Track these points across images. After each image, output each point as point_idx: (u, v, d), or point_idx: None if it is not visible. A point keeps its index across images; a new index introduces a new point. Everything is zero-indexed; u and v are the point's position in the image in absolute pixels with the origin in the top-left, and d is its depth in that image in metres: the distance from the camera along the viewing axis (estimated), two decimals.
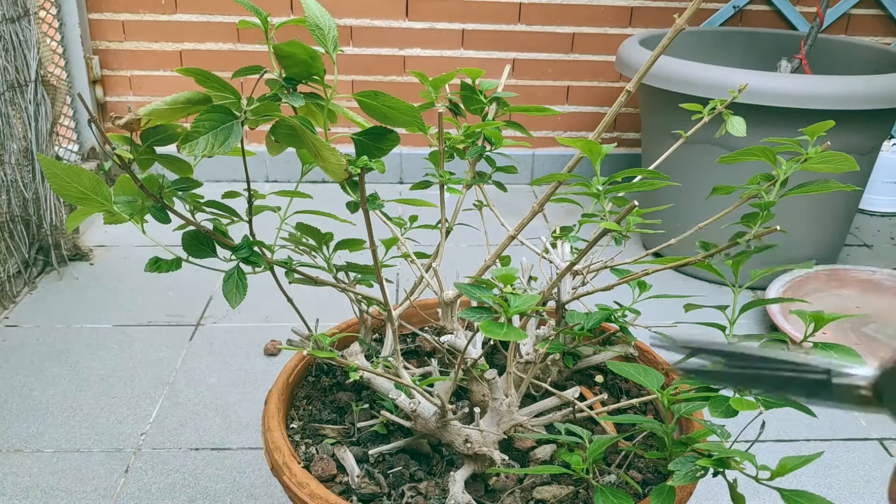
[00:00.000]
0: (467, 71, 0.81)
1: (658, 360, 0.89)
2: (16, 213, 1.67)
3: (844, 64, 2.06)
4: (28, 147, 1.69)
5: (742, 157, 0.68)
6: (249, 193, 0.72)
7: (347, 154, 0.61)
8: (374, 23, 2.26)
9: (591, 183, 0.67)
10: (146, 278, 1.76)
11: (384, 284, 0.73)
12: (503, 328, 0.58)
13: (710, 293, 1.79)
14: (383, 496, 0.73)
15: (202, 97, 0.61)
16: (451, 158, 0.81)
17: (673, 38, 0.63)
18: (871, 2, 2.35)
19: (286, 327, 1.58)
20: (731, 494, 0.63)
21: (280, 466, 0.72)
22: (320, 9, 0.61)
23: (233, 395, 1.37)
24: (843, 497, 1.19)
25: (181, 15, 2.22)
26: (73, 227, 0.69)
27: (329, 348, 0.68)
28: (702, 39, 2.18)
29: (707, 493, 1.17)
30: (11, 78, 1.64)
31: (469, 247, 1.97)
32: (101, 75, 2.26)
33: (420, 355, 0.97)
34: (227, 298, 0.69)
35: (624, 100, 0.67)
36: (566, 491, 0.73)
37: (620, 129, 2.49)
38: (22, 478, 1.17)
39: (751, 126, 0.88)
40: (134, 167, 0.62)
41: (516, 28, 2.30)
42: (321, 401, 0.88)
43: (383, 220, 0.82)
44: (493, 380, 0.72)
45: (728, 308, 0.73)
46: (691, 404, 0.65)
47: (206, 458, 1.22)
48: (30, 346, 1.50)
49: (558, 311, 0.83)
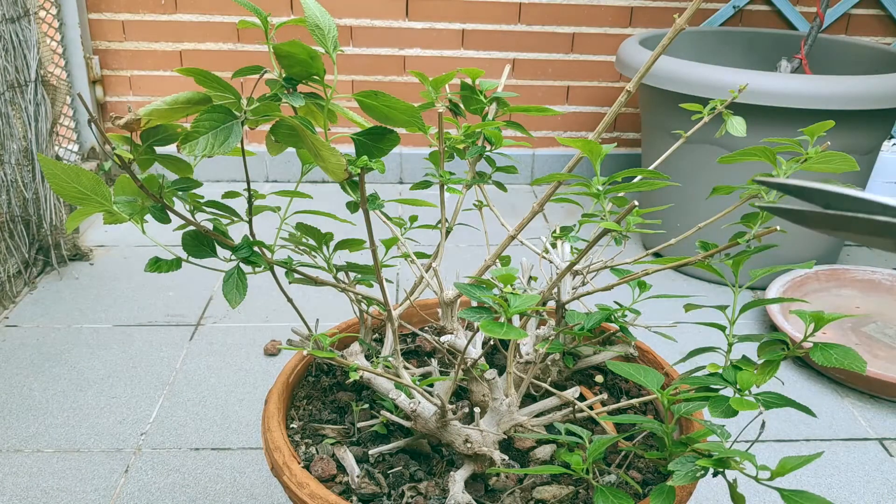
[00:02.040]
0: (467, 71, 0.81)
1: (658, 360, 0.89)
2: (16, 213, 1.67)
3: (844, 64, 2.06)
4: (28, 147, 1.69)
5: (742, 157, 0.69)
6: (249, 193, 0.72)
7: (347, 154, 0.61)
8: (374, 23, 2.26)
9: (591, 183, 0.67)
10: (146, 278, 1.76)
11: (384, 284, 0.73)
12: (503, 327, 0.58)
13: (710, 293, 1.79)
14: (383, 496, 0.73)
15: (202, 97, 0.61)
16: (451, 158, 0.81)
17: (673, 38, 0.63)
18: (871, 2, 2.35)
19: (286, 327, 1.58)
20: (731, 494, 0.63)
21: (280, 466, 0.72)
22: (320, 9, 0.61)
23: (233, 395, 1.37)
24: (843, 497, 1.19)
25: (181, 15, 2.22)
26: (73, 228, 0.69)
27: (329, 348, 0.68)
28: (702, 39, 2.18)
29: (707, 493, 1.17)
30: (11, 78, 1.64)
31: (469, 247, 1.97)
32: (101, 75, 2.26)
33: (420, 355, 0.97)
34: (227, 298, 0.69)
35: (624, 100, 0.67)
36: (566, 491, 0.73)
37: (620, 129, 2.49)
38: (22, 478, 1.16)
39: (751, 126, 0.88)
40: (134, 167, 0.62)
41: (516, 28, 2.30)
42: (321, 401, 0.88)
43: (383, 220, 0.82)
44: (493, 380, 0.72)
45: (728, 308, 0.73)
46: (691, 404, 0.65)
47: (206, 458, 1.22)
48: (30, 346, 1.50)
49: (558, 311, 0.83)
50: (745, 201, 0.72)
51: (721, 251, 0.69)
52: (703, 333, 1.55)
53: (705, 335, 1.55)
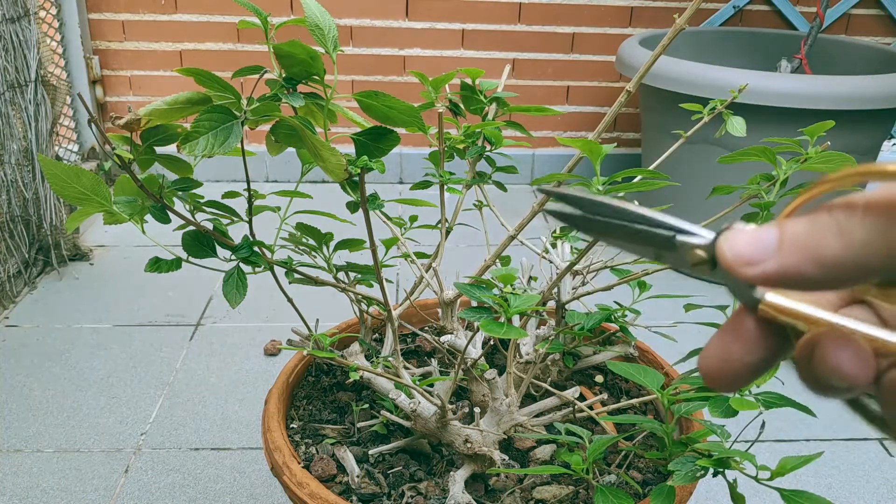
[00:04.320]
0: (467, 71, 0.81)
1: (658, 360, 0.89)
2: (16, 213, 1.67)
3: (844, 64, 2.06)
4: (28, 147, 1.69)
5: (742, 157, 0.68)
6: (249, 193, 0.72)
7: (347, 154, 0.61)
8: (374, 23, 2.26)
9: (591, 183, 0.67)
10: (146, 278, 1.76)
11: (384, 284, 0.73)
12: (503, 327, 0.58)
13: (710, 293, 1.79)
14: (383, 496, 0.73)
15: (202, 97, 0.61)
16: (451, 158, 0.81)
17: (673, 38, 0.63)
18: (871, 2, 2.35)
19: (286, 327, 1.58)
20: (731, 494, 0.63)
21: (280, 466, 0.72)
22: (320, 9, 0.61)
23: (233, 395, 1.37)
24: (843, 497, 1.19)
25: (181, 15, 2.22)
26: (73, 228, 0.69)
27: (329, 348, 0.68)
28: (702, 39, 2.18)
29: (707, 493, 1.17)
30: (11, 78, 1.64)
31: (469, 247, 1.97)
32: (101, 75, 2.26)
33: (420, 355, 0.97)
34: (227, 298, 0.69)
35: (624, 100, 0.67)
36: (566, 491, 0.73)
37: (620, 129, 2.49)
38: (22, 478, 1.16)
39: (751, 126, 0.88)
40: (134, 167, 0.62)
41: (516, 28, 2.30)
42: (321, 401, 0.88)
43: (383, 220, 0.82)
44: (493, 380, 0.72)
45: (728, 308, 0.73)
46: (691, 404, 0.65)
47: (206, 458, 1.22)
48: (30, 346, 1.50)
49: (558, 311, 0.83)
50: (745, 201, 0.72)
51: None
52: (703, 333, 1.55)
53: (705, 335, 1.54)
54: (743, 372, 0.27)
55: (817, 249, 0.24)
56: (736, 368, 0.27)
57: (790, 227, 0.25)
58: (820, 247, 0.24)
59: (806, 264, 0.25)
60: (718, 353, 0.28)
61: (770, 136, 0.74)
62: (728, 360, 0.27)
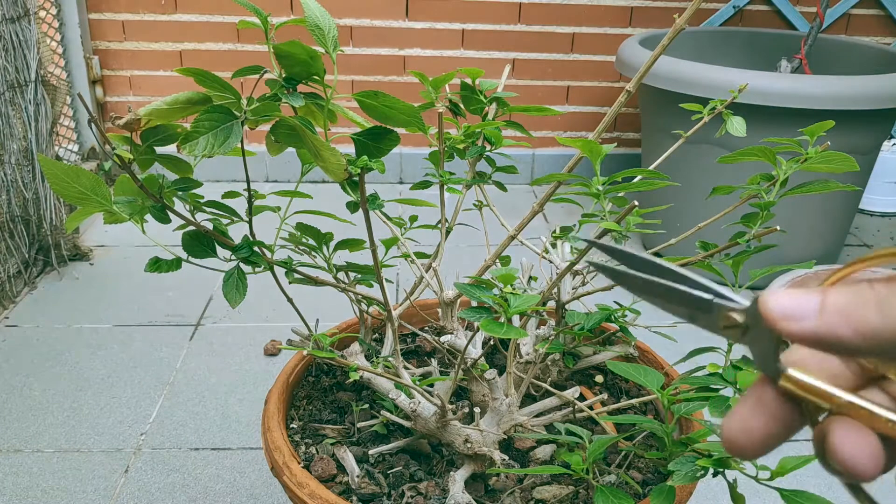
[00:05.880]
0: (467, 71, 0.81)
1: (658, 360, 0.89)
2: (16, 213, 1.67)
3: (844, 64, 2.06)
4: (28, 147, 1.69)
5: (742, 157, 0.68)
6: (249, 193, 0.72)
7: (347, 154, 0.61)
8: (374, 23, 2.26)
9: (591, 183, 0.67)
10: (146, 278, 1.76)
11: (384, 284, 0.73)
12: (503, 327, 0.58)
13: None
14: (383, 496, 0.73)
15: (202, 97, 0.61)
16: (451, 158, 0.81)
17: (673, 38, 0.63)
18: (871, 2, 2.35)
19: (286, 327, 1.58)
20: (731, 494, 0.63)
21: (280, 466, 0.72)
22: (320, 9, 0.61)
23: (232, 395, 1.37)
24: (843, 497, 1.19)
25: (181, 15, 2.22)
26: (73, 228, 0.69)
27: (329, 348, 0.68)
28: (702, 39, 2.18)
29: (707, 493, 1.17)
30: (11, 78, 1.64)
31: (469, 247, 1.97)
32: (101, 75, 2.26)
33: (420, 355, 0.97)
34: (227, 298, 0.69)
35: (624, 100, 0.67)
36: (566, 491, 0.73)
37: (620, 129, 2.49)
38: (22, 478, 1.16)
39: (751, 126, 0.88)
40: (134, 167, 0.62)
41: (516, 28, 2.30)
42: (321, 401, 0.88)
43: (383, 220, 0.82)
44: (493, 380, 0.72)
45: None
46: (691, 404, 0.65)
47: (206, 458, 1.22)
48: (30, 346, 1.50)
49: (558, 311, 0.83)
50: (744, 201, 0.72)
51: (721, 251, 0.70)
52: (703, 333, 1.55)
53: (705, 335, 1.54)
54: (765, 441, 0.29)
55: (857, 318, 0.26)
56: (757, 438, 0.29)
57: (833, 294, 0.27)
58: (860, 316, 0.26)
59: (845, 330, 0.26)
60: (741, 424, 0.29)
61: (770, 136, 0.74)
62: (749, 431, 0.29)
